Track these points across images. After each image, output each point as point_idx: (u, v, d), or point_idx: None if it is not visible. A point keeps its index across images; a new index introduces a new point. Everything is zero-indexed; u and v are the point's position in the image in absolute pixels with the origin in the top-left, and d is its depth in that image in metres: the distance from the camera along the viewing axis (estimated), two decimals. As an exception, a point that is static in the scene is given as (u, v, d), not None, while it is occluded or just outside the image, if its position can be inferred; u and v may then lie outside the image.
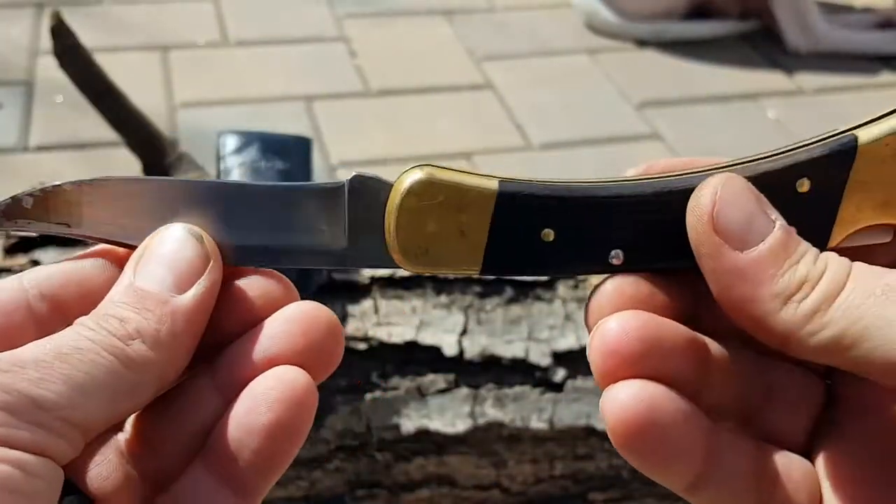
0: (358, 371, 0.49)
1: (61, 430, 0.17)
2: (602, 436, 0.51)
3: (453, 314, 0.51)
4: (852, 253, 0.19)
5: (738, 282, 0.18)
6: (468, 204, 0.20)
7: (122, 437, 0.20)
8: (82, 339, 0.18)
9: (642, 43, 1.28)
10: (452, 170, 0.20)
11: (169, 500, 0.19)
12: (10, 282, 0.20)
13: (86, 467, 0.19)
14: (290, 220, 0.20)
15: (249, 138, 0.53)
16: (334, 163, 1.00)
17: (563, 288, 0.53)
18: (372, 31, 1.25)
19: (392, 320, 0.50)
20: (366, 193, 0.20)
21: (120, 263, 0.20)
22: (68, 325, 0.19)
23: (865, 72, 1.24)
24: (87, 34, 0.74)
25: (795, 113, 1.13)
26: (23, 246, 0.51)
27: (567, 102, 1.13)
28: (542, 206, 0.20)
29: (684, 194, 0.20)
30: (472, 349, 0.50)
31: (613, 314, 0.19)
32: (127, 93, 0.66)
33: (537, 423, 0.50)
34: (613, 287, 0.20)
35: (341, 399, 0.49)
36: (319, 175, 0.95)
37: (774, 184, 0.20)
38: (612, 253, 0.20)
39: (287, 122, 1.04)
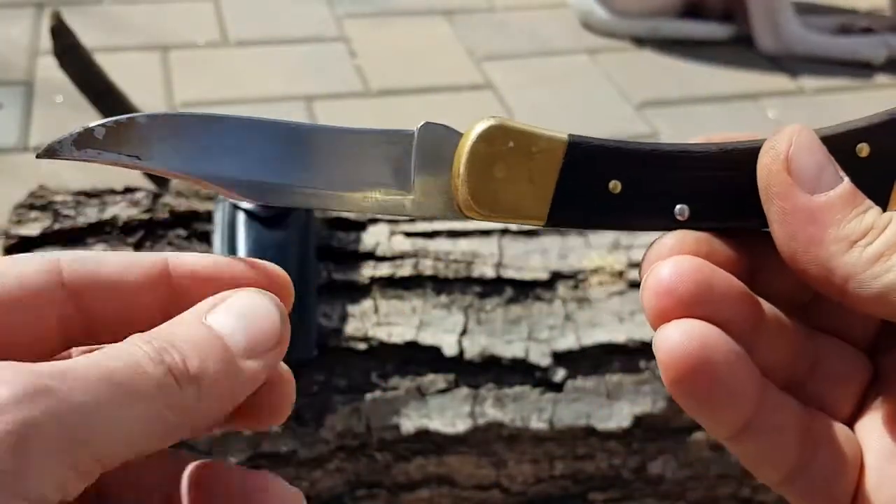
0: (358, 371, 0.49)
1: (89, 469, 0.16)
2: (602, 436, 0.51)
3: (453, 314, 0.51)
4: None
5: (806, 223, 0.19)
6: (538, 152, 0.20)
7: None
8: (137, 365, 0.17)
9: (641, 43, 1.28)
10: (520, 123, 0.21)
11: None
12: (42, 266, 0.18)
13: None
14: (357, 166, 0.20)
15: (249, 138, 0.53)
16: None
17: (562, 288, 0.53)
18: (372, 32, 1.25)
19: (392, 320, 0.50)
20: (435, 142, 0.20)
21: (164, 289, 0.20)
22: (87, 330, 0.18)
23: (865, 73, 1.24)
24: (86, 34, 0.74)
25: (796, 113, 1.13)
26: (23, 246, 0.51)
27: (567, 102, 1.13)
28: (611, 158, 0.20)
29: (751, 153, 0.20)
30: (472, 349, 0.50)
31: (669, 258, 0.19)
32: (127, 93, 0.66)
33: (537, 423, 0.50)
34: (673, 238, 0.20)
35: (341, 399, 0.49)
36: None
37: (835, 147, 0.20)
38: (678, 208, 0.21)
39: (287, 122, 1.04)
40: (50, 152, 0.19)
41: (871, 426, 0.20)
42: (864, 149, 0.20)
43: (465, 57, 1.21)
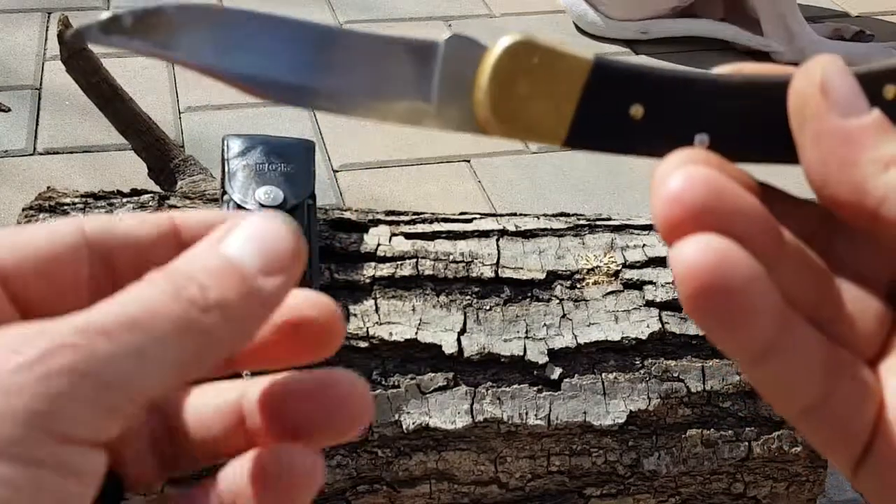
0: (359, 369, 0.50)
1: (122, 407, 0.16)
2: (597, 432, 0.52)
3: (452, 313, 0.52)
4: None
5: (840, 144, 0.18)
6: (563, 70, 0.20)
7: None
8: (159, 305, 0.17)
9: (637, 48, 1.29)
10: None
11: (176, 495, 0.19)
12: (68, 226, 0.19)
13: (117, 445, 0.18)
14: (382, 72, 0.20)
15: (253, 142, 0.54)
16: (336, 166, 1.01)
17: (559, 288, 0.54)
18: (373, 37, 1.26)
19: (392, 319, 0.51)
20: (460, 54, 0.20)
21: (176, 240, 0.20)
22: (114, 285, 0.18)
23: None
24: (93, 40, 0.75)
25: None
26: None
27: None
28: (636, 81, 0.20)
29: (778, 86, 0.20)
30: (471, 348, 0.51)
31: (680, 168, 0.18)
32: (133, 97, 0.67)
33: (535, 420, 0.51)
34: (686, 152, 0.19)
35: (343, 396, 0.50)
36: (321, 178, 0.97)
37: (862, 87, 0.20)
38: (699, 137, 0.20)
39: (290, 126, 1.06)
40: (77, 37, 0.19)
41: (891, 366, 0.19)
42: (891, 90, 0.20)
43: (466, 62, 1.22)
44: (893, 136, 0.19)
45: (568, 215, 0.59)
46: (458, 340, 0.51)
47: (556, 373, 0.51)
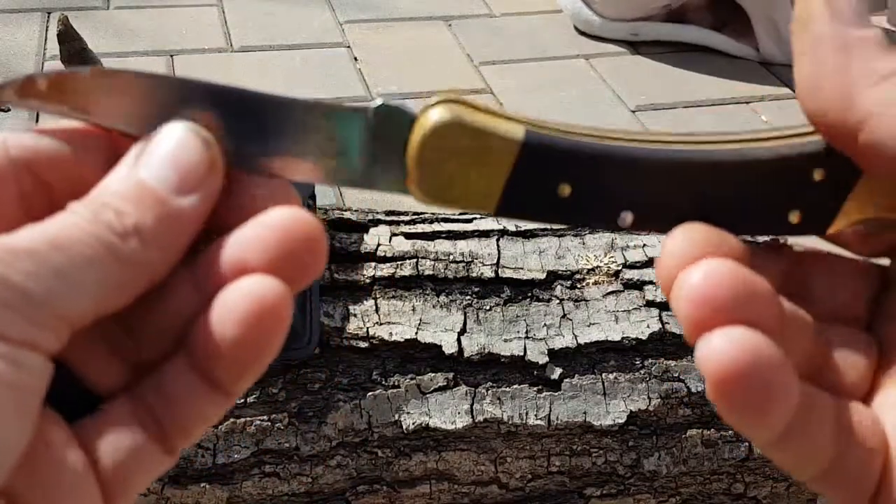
0: (359, 369, 0.50)
1: (51, 324, 0.17)
2: (598, 432, 0.52)
3: (452, 313, 0.52)
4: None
5: (837, 50, 0.18)
6: (491, 149, 0.20)
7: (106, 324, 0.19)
8: (77, 230, 0.17)
9: (637, 48, 1.29)
10: (478, 108, 0.20)
11: (150, 390, 0.19)
12: None
13: (76, 356, 0.19)
14: (307, 135, 0.20)
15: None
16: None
17: (559, 288, 0.54)
18: (373, 37, 1.26)
19: (392, 319, 0.51)
20: (390, 124, 0.20)
21: (108, 149, 0.20)
22: (51, 203, 0.19)
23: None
24: (94, 39, 0.75)
25: (789, 118, 1.14)
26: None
27: (564, 106, 1.14)
28: (564, 160, 0.20)
29: (698, 165, 0.20)
30: (471, 348, 0.51)
31: (695, 264, 0.19)
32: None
33: (535, 420, 0.51)
34: (683, 235, 0.19)
35: (343, 397, 0.50)
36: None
37: (790, 170, 0.20)
38: (622, 215, 0.21)
39: (289, 126, 1.05)
40: None
41: (886, 402, 0.20)
42: (820, 173, 0.20)
43: (465, 61, 1.22)
44: (891, 55, 0.18)
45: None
46: (458, 340, 0.51)
47: (557, 373, 0.51)
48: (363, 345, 0.51)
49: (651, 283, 0.54)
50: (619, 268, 0.55)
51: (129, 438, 0.19)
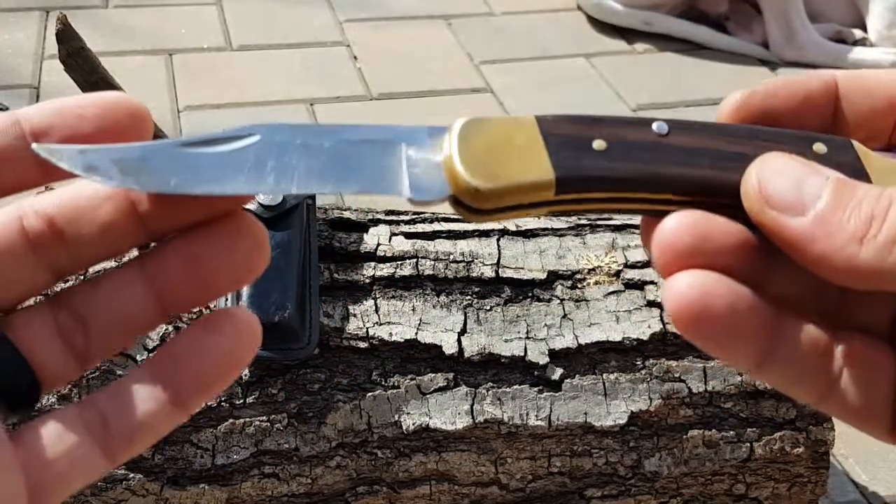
0: (359, 369, 0.50)
1: None
2: (598, 433, 0.51)
3: (453, 313, 0.52)
4: None
5: (809, 244, 0.19)
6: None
7: (57, 312, 0.20)
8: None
9: (638, 46, 1.29)
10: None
11: (106, 396, 0.20)
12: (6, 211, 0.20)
13: (28, 341, 0.20)
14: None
15: (253, 141, 0.54)
16: (336, 165, 1.01)
17: (560, 288, 0.54)
18: (373, 36, 1.26)
19: (392, 320, 0.51)
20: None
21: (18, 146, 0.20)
22: (65, 243, 0.19)
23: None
24: (92, 38, 0.75)
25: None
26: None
27: (565, 105, 1.13)
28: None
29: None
30: (472, 348, 0.51)
31: (673, 214, 0.20)
32: (132, 97, 0.67)
33: (535, 421, 0.50)
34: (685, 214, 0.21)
35: (342, 397, 0.49)
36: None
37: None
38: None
39: (289, 126, 1.05)
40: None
41: None
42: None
43: (465, 61, 1.22)
44: (854, 205, 0.19)
45: (569, 215, 0.59)
46: (459, 341, 0.51)
47: (557, 373, 0.51)
48: (363, 345, 0.50)
49: (652, 283, 0.54)
50: (620, 268, 0.54)
51: (70, 441, 0.19)
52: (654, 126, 0.21)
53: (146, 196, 0.19)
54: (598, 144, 0.21)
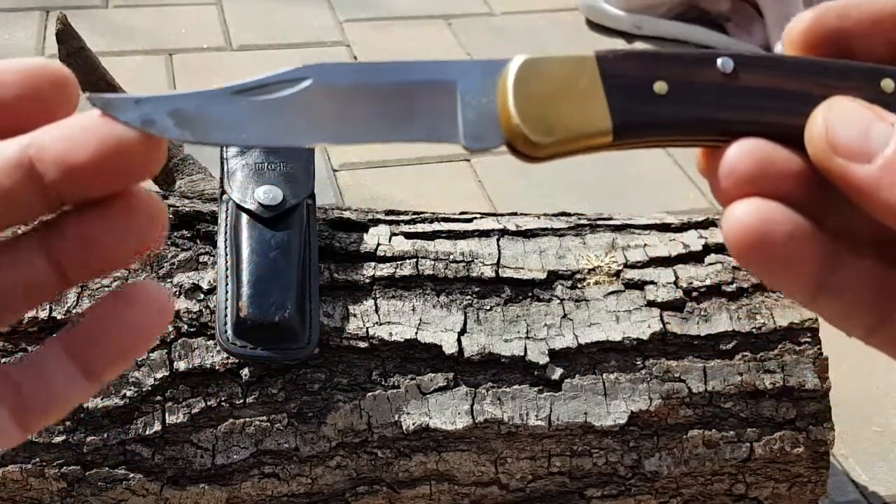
0: (359, 369, 0.50)
1: None
2: (598, 433, 0.51)
3: (453, 313, 0.52)
4: None
5: (875, 192, 0.19)
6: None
7: None
8: None
9: (635, 47, 1.29)
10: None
11: (20, 368, 0.20)
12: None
13: None
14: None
15: (253, 141, 0.54)
16: (335, 165, 1.01)
17: (560, 288, 0.54)
18: (373, 36, 1.26)
19: (392, 319, 0.51)
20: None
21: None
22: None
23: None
24: (92, 38, 0.75)
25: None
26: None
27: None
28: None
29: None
30: (472, 348, 0.51)
31: (735, 143, 0.20)
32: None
33: (535, 421, 0.50)
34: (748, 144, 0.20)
35: (342, 397, 0.49)
36: (321, 177, 0.96)
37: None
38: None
39: (289, 126, 1.05)
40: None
41: None
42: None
43: (466, 61, 1.22)
44: None
45: (569, 215, 0.59)
46: (459, 340, 0.51)
47: (557, 373, 0.51)
48: (363, 345, 0.50)
49: (652, 282, 0.54)
50: (620, 268, 0.54)
51: None
52: (719, 62, 0.21)
53: (54, 167, 0.19)
54: (660, 87, 0.20)
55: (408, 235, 0.55)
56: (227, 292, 0.49)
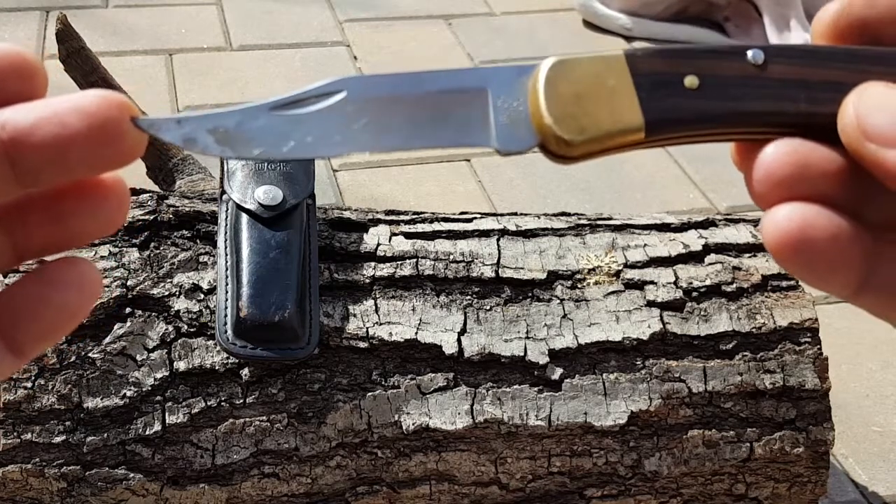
0: (359, 369, 0.50)
1: None
2: (599, 433, 0.51)
3: (453, 313, 0.52)
4: None
5: (888, 179, 0.19)
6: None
7: None
8: None
9: (635, 47, 1.29)
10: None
11: None
12: None
13: None
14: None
15: (253, 141, 0.54)
16: (335, 165, 1.01)
17: (560, 288, 0.54)
18: (373, 36, 1.26)
19: (392, 319, 0.51)
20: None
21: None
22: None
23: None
24: (92, 38, 0.75)
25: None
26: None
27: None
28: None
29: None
30: (472, 348, 0.51)
31: (771, 144, 0.20)
32: (132, 96, 0.67)
33: (535, 421, 0.50)
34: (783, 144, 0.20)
35: (342, 397, 0.49)
36: (320, 177, 0.96)
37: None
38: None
39: (289, 126, 1.05)
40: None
41: None
42: None
43: (465, 60, 1.22)
44: None
45: (569, 215, 0.59)
46: (459, 341, 0.51)
47: (557, 373, 0.51)
48: (363, 345, 0.50)
49: (652, 282, 0.54)
50: (620, 268, 0.54)
51: None
52: (749, 54, 0.21)
53: (28, 155, 0.19)
54: (690, 81, 0.20)
55: (408, 235, 0.55)
56: (227, 292, 0.49)
